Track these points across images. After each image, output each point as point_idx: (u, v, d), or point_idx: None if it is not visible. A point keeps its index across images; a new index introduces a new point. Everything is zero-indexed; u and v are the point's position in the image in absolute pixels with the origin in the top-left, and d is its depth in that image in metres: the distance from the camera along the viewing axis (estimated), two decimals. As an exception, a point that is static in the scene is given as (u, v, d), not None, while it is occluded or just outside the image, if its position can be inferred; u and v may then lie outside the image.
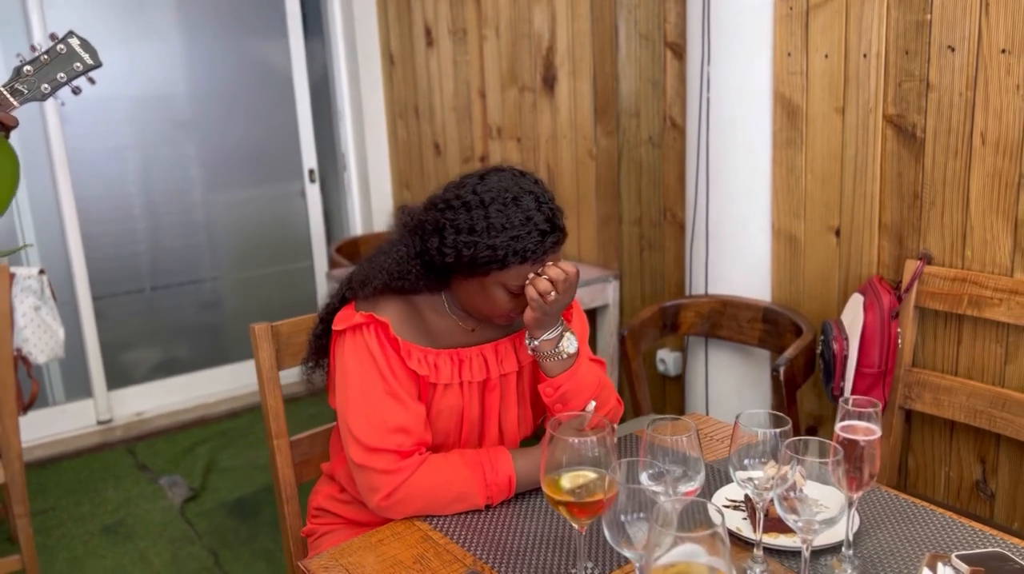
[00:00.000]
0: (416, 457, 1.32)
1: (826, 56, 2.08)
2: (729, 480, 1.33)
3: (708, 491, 1.35)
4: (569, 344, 1.35)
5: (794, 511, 1.05)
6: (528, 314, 1.31)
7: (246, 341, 1.66)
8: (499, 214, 1.27)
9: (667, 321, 2.46)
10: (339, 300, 1.44)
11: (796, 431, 2.07)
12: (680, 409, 2.77)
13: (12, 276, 2.51)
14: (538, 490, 1.32)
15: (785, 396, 2.01)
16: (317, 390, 1.55)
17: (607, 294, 2.91)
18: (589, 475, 1.06)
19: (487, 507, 1.33)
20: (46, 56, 1.52)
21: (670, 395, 2.89)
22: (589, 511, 1.05)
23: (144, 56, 3.68)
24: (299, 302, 4.19)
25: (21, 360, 2.64)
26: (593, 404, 1.35)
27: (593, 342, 3.01)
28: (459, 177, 1.36)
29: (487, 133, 3.43)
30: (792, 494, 1.05)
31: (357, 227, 4.27)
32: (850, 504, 1.11)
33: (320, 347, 1.47)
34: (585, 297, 2.84)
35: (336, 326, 1.39)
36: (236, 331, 4.08)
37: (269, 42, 4.00)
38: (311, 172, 4.18)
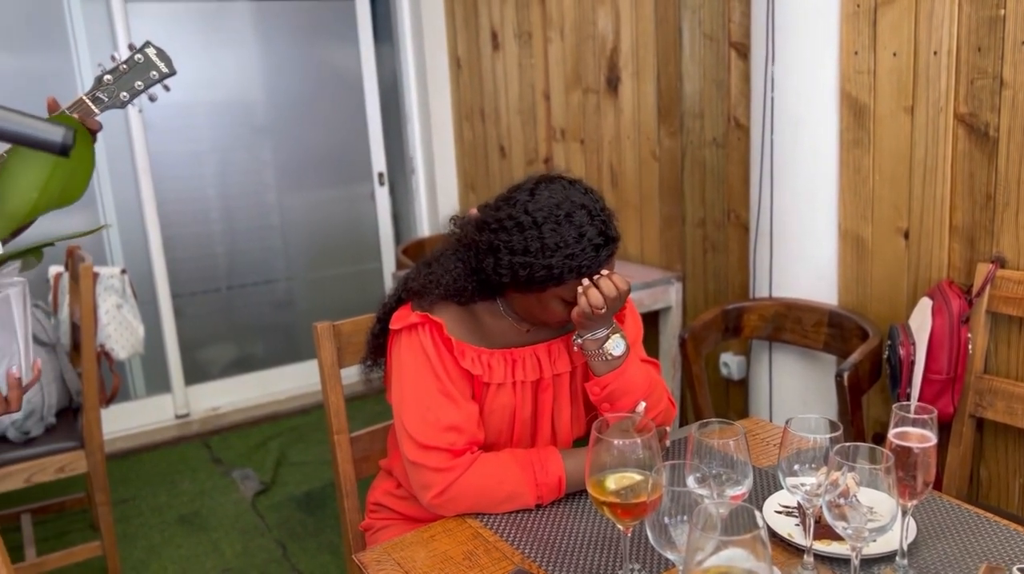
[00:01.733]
0: (468, 456, 1.34)
1: (894, 54, 2.03)
2: (784, 485, 1.31)
3: (763, 496, 1.34)
4: (615, 347, 1.35)
5: (843, 518, 1.03)
6: (575, 313, 1.33)
7: (314, 340, 1.71)
8: (553, 233, 1.27)
9: (730, 324, 2.43)
10: (396, 300, 1.47)
11: (861, 438, 2.03)
12: (743, 413, 2.73)
13: (96, 276, 2.64)
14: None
15: (850, 402, 1.96)
16: (376, 389, 1.59)
17: (670, 296, 2.89)
18: (634, 477, 1.07)
19: (537, 506, 1.35)
20: (125, 66, 1.59)
21: (733, 399, 2.86)
22: (633, 513, 1.05)
23: (222, 64, 3.82)
24: (368, 302, 4.24)
25: (104, 356, 2.78)
26: (643, 405, 1.36)
27: (655, 344, 2.99)
28: (508, 190, 1.36)
29: (551, 135, 3.45)
30: (842, 501, 1.03)
31: (424, 229, 4.34)
32: (904, 512, 1.09)
33: (378, 346, 1.51)
34: (647, 299, 2.83)
35: (393, 325, 1.42)
36: (307, 330, 4.17)
37: (341, 49, 4.10)
38: (380, 175, 4.27)
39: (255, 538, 2.87)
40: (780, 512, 1.28)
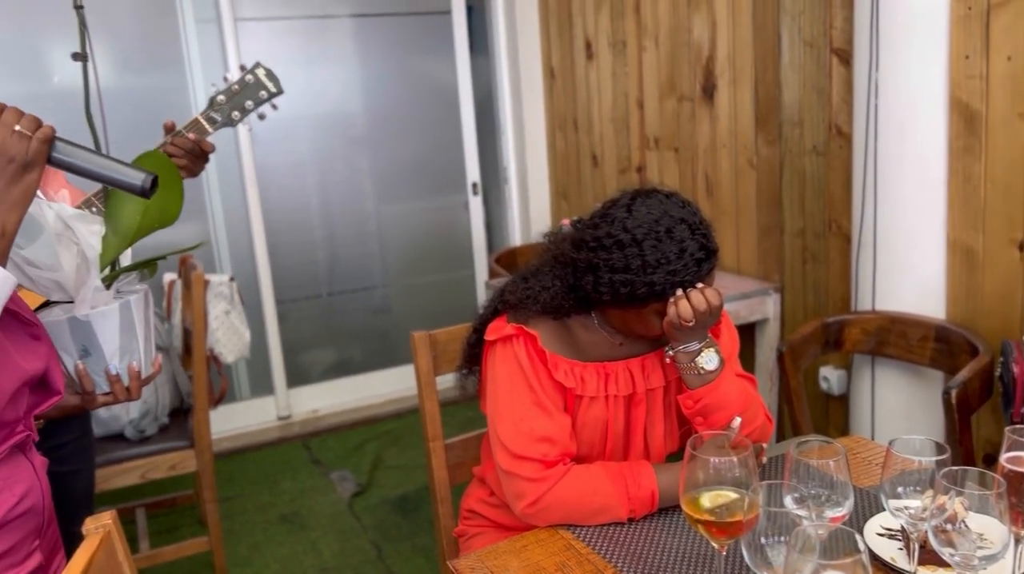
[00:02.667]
0: (560, 467, 1.35)
1: (1009, 58, 1.94)
2: (886, 507, 1.27)
3: (864, 518, 1.30)
4: (707, 361, 1.33)
5: (951, 544, 0.99)
6: (665, 323, 1.32)
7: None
8: (653, 250, 1.27)
9: (830, 337, 2.36)
10: (492, 311, 1.49)
11: (970, 459, 1.94)
12: (844, 430, 2.64)
13: (207, 283, 2.77)
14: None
15: (958, 421, 1.88)
16: (470, 396, 1.62)
17: (767, 307, 2.83)
18: (730, 495, 1.05)
19: (629, 520, 1.34)
20: (236, 86, 1.68)
21: (833, 415, 2.77)
22: (728, 531, 1.04)
23: (324, 78, 3.95)
24: (461, 309, 4.33)
25: (213, 359, 2.91)
26: (738, 421, 1.34)
27: (752, 357, 2.93)
28: (603, 206, 1.36)
29: (644, 143, 3.43)
30: (949, 526, 1.00)
31: (516, 238, 4.38)
32: (1016, 541, 1.04)
33: (473, 355, 1.53)
34: (743, 310, 2.78)
35: (488, 336, 1.45)
36: (403, 336, 4.27)
37: (438, 61, 4.19)
38: (474, 185, 4.33)
39: (351, 539, 2.95)
40: (882, 535, 1.24)
